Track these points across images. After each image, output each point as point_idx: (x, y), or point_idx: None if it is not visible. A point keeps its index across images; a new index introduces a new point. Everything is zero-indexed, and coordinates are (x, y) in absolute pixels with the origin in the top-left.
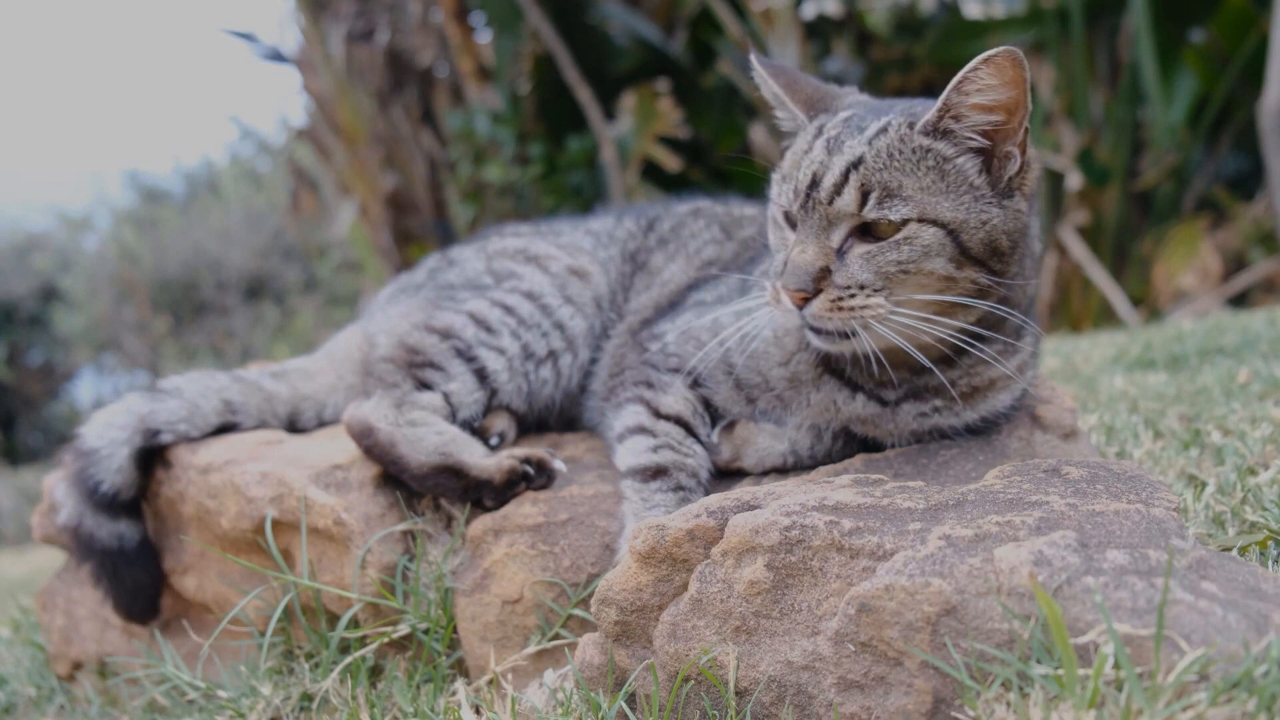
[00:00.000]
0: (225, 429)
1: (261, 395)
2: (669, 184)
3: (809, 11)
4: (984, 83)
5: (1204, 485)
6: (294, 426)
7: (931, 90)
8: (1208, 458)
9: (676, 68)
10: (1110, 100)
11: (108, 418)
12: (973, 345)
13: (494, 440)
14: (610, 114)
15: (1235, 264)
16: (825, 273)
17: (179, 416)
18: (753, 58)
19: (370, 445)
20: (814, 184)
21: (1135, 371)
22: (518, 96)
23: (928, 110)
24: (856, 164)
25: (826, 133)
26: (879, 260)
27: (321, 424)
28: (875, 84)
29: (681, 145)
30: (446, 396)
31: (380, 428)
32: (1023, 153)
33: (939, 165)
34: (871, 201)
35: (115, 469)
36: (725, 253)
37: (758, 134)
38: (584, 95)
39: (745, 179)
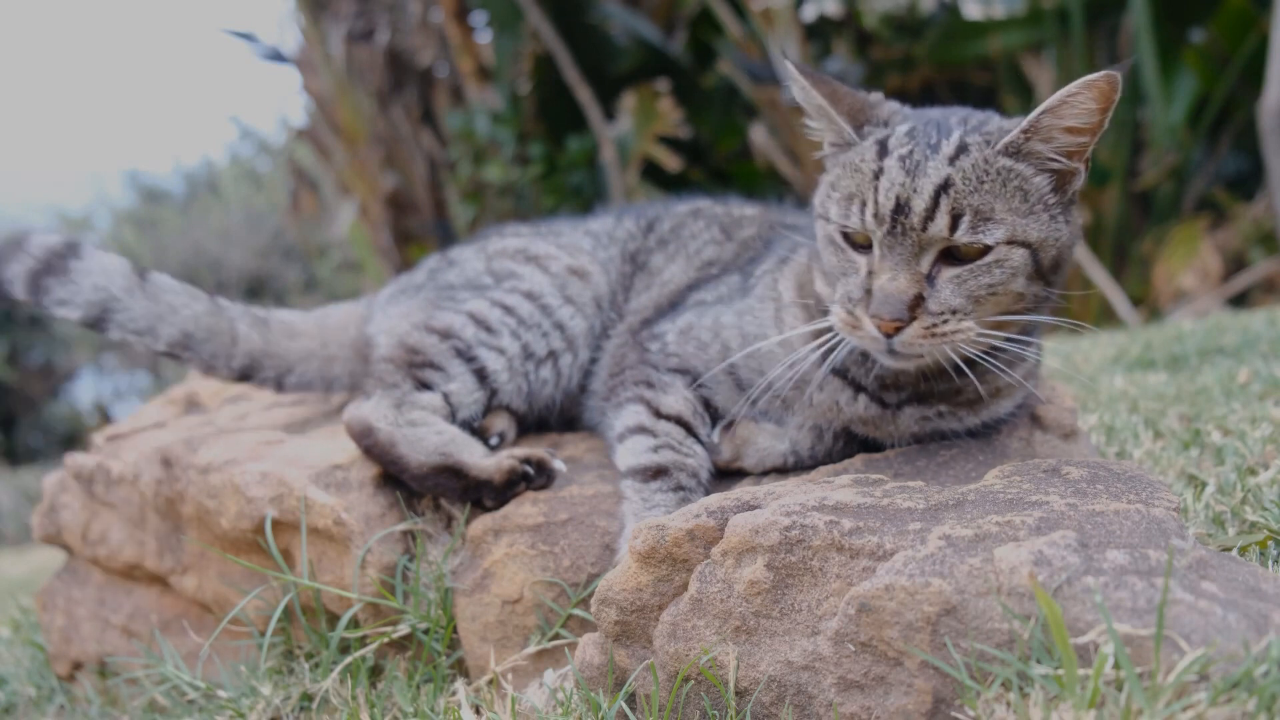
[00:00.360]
0: (168, 355)
1: (227, 338)
2: (669, 184)
3: (809, 12)
4: (1082, 107)
5: (1204, 485)
6: (245, 378)
7: (932, 90)
8: (1208, 458)
9: (676, 68)
10: None
11: (93, 275)
12: (1000, 352)
13: (494, 440)
14: (610, 114)
15: (1235, 264)
16: (919, 300)
17: (134, 327)
18: (790, 65)
19: (370, 445)
20: (900, 209)
21: (1135, 371)
22: (518, 96)
23: (1008, 128)
24: (945, 187)
25: (895, 150)
26: (970, 284)
27: (279, 387)
28: (875, 84)
29: (681, 145)
30: (446, 397)
31: (380, 428)
32: (1086, 167)
33: (1022, 185)
34: (964, 226)
35: (61, 309)
36: (725, 253)
37: (758, 134)
38: (584, 95)
39: (745, 179)
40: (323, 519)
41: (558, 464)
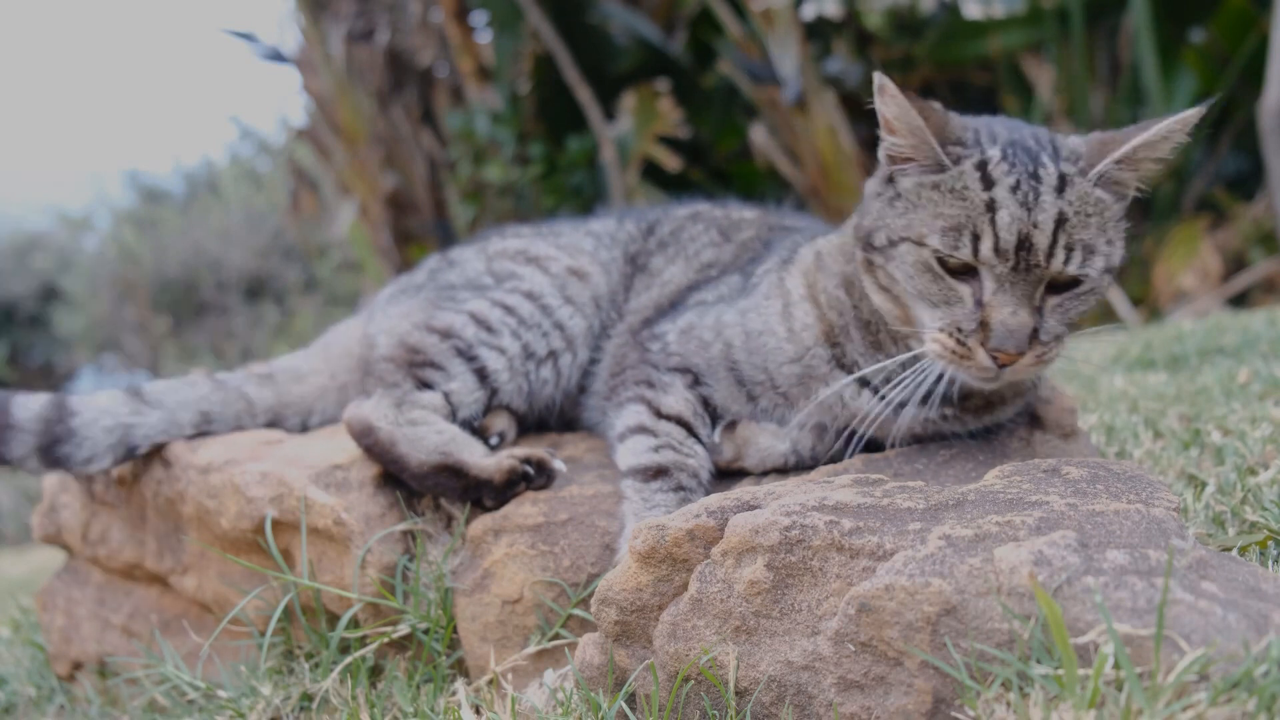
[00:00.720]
0: (199, 435)
1: (242, 403)
2: (669, 184)
3: (809, 12)
4: (1176, 139)
5: (1204, 485)
6: (274, 427)
7: (932, 90)
8: (1208, 458)
9: (676, 68)
10: (1110, 100)
11: (99, 416)
12: None
13: (494, 440)
14: (610, 114)
15: (1235, 264)
16: (1035, 332)
17: (158, 430)
18: (888, 83)
19: (370, 444)
20: (1022, 244)
21: (1135, 371)
22: (518, 96)
23: (1094, 157)
24: (1062, 222)
25: (1001, 180)
26: (1070, 312)
27: (305, 430)
28: None
29: (681, 145)
30: (447, 396)
31: (380, 427)
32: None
33: (1109, 214)
34: (1076, 260)
35: (92, 464)
36: (724, 255)
37: (758, 134)
38: (584, 95)
39: (745, 179)
40: (323, 519)
41: (558, 464)
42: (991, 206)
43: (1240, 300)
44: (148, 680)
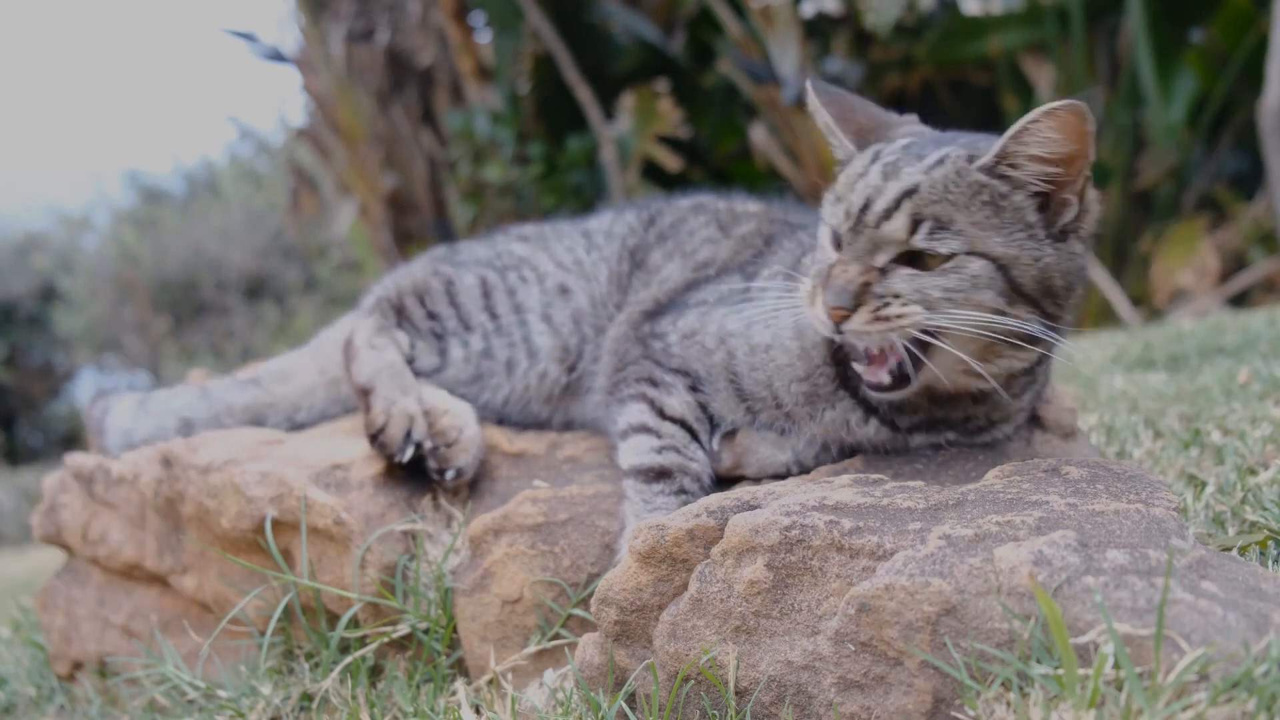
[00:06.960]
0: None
1: (222, 407)
2: (669, 184)
3: (809, 11)
4: (1044, 136)
5: (1204, 485)
6: (258, 425)
7: (932, 90)
8: (1208, 458)
9: (676, 67)
10: (1110, 100)
11: (117, 420)
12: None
13: (450, 474)
14: (610, 114)
15: (1235, 263)
16: (866, 288)
17: (149, 435)
18: (809, 85)
19: (345, 353)
20: (865, 207)
21: (1135, 371)
22: (518, 96)
23: (987, 150)
24: (910, 192)
25: (884, 158)
26: (922, 283)
27: (295, 426)
28: (875, 84)
29: (681, 145)
30: (412, 345)
31: (355, 342)
32: (1080, 200)
33: (994, 200)
34: (922, 231)
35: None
36: (721, 252)
37: (758, 134)
38: (584, 95)
39: (745, 179)
40: (323, 519)
41: (449, 474)
42: (860, 177)
43: (1240, 300)
44: (148, 680)
